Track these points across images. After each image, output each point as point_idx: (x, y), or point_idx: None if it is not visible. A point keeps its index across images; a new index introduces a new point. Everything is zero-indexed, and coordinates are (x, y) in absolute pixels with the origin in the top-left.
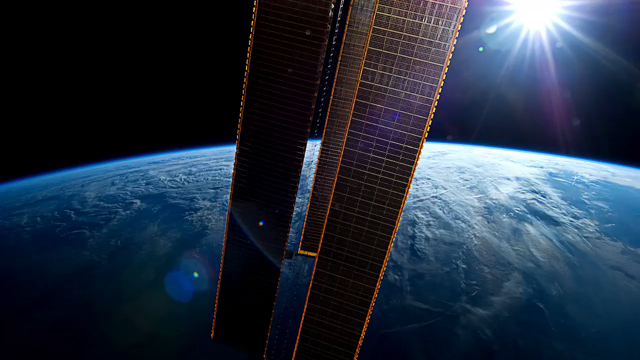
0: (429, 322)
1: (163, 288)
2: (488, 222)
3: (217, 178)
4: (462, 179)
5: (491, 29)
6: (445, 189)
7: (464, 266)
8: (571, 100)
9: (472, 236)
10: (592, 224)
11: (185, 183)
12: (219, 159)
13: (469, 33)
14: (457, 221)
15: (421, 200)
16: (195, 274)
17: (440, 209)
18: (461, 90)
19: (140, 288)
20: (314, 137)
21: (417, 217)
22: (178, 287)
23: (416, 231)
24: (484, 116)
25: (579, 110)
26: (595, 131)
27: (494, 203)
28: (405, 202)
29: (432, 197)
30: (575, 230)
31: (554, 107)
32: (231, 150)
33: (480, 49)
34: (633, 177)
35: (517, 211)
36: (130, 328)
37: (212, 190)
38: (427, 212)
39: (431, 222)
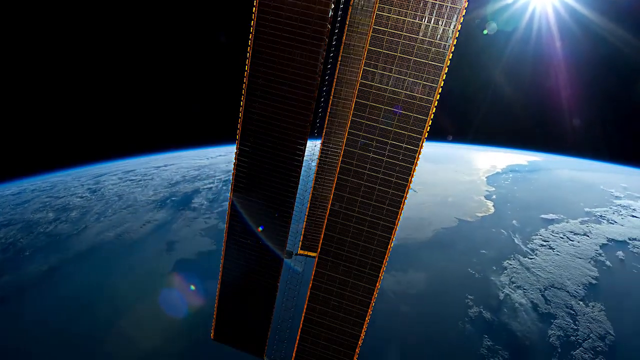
0: None
1: None
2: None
3: None
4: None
5: (489, 27)
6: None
7: None
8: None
9: None
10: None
11: None
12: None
13: (470, 13)
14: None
15: None
16: None
17: None
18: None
19: None
20: (314, 137)
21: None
22: None
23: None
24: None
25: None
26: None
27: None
28: (405, 201)
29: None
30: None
31: (561, 99)
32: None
33: (485, 31)
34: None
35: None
36: None
37: None
38: None
39: None
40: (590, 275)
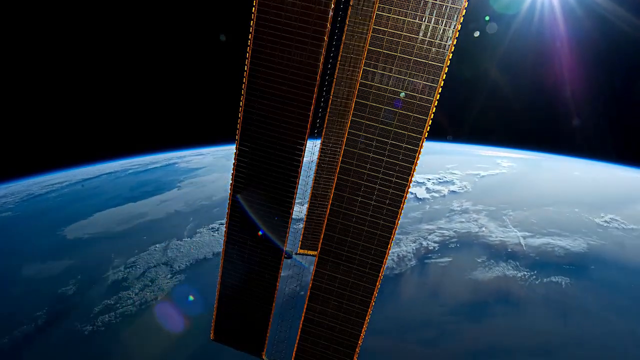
0: None
1: None
2: None
3: None
4: None
5: (490, 27)
6: None
7: None
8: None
9: None
10: None
11: None
12: None
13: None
14: None
15: None
16: None
17: None
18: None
19: None
20: (314, 137)
21: None
22: None
23: None
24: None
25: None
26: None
27: None
28: (405, 201)
29: None
30: None
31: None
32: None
33: (487, 18)
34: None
35: None
36: None
37: None
38: None
39: None
40: None
